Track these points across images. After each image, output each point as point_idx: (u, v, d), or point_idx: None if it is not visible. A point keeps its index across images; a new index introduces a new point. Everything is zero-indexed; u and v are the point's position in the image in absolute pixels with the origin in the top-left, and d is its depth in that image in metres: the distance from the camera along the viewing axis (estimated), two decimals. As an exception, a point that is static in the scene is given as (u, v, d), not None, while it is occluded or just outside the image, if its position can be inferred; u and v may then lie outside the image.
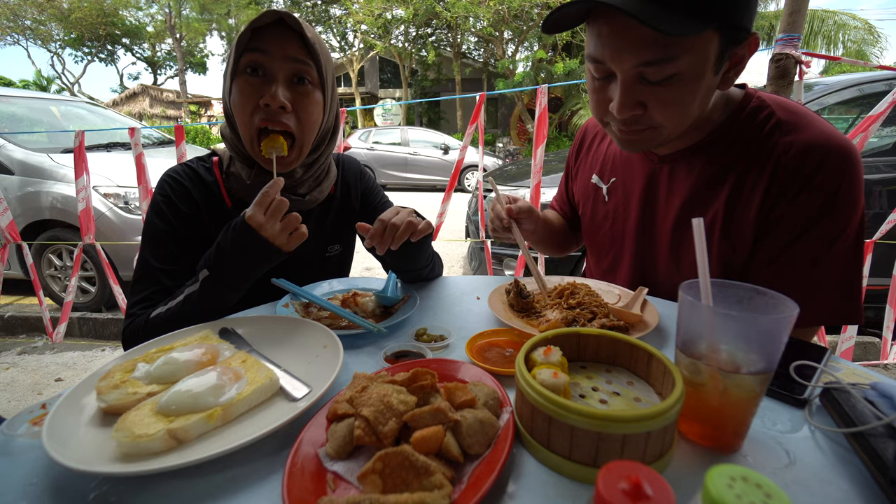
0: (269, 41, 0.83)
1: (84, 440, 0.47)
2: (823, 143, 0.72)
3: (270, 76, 0.84)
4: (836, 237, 0.73)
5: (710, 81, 0.71)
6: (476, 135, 2.40)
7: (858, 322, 0.76)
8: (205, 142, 13.15)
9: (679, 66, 0.67)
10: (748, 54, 0.71)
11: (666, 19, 0.62)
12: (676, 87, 0.69)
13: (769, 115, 0.77)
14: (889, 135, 2.73)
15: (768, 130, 0.76)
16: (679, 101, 0.71)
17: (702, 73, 0.68)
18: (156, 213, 0.91)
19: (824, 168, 0.71)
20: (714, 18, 0.64)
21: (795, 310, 0.42)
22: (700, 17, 0.63)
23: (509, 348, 0.66)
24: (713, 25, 0.64)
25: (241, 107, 0.85)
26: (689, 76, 0.68)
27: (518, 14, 13.33)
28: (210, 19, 20.06)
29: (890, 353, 2.32)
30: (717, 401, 0.45)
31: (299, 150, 0.90)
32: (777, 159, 0.74)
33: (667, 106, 0.71)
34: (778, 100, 0.80)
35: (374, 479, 0.38)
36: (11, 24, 17.76)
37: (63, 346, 2.93)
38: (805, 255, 0.74)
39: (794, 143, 0.74)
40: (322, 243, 1.08)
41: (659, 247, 0.91)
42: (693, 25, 0.63)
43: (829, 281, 0.75)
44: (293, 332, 0.69)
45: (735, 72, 0.73)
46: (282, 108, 0.83)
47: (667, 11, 0.62)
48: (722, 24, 0.65)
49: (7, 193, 3.06)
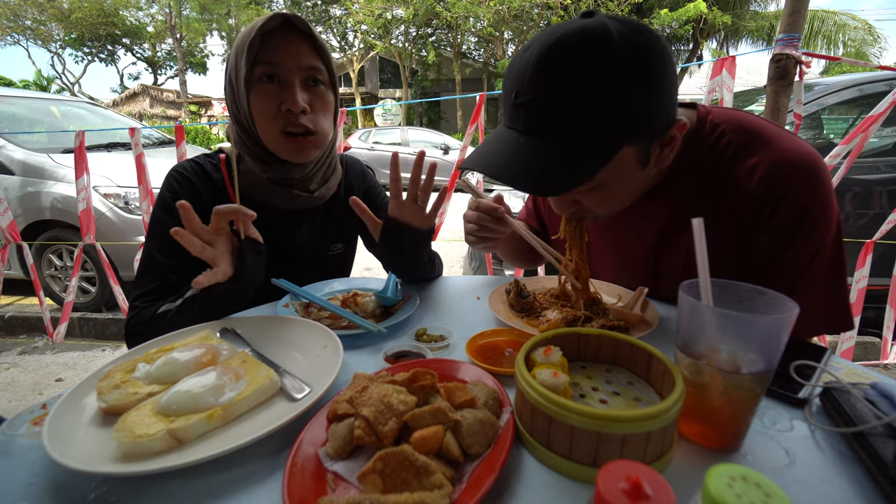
0: (280, 49, 0.86)
1: (84, 440, 0.47)
2: (786, 163, 0.70)
3: (286, 82, 0.87)
4: (816, 251, 0.71)
5: (640, 174, 0.69)
6: (476, 135, 2.40)
7: (849, 329, 0.75)
8: (205, 142, 13.15)
9: (599, 180, 0.65)
10: (679, 133, 0.66)
11: (559, 179, 0.59)
12: (603, 192, 0.69)
13: (728, 142, 0.75)
14: (889, 135, 2.73)
15: (728, 158, 0.74)
16: (610, 198, 0.71)
17: (626, 176, 0.67)
18: (162, 208, 0.91)
19: (791, 188, 0.70)
20: (620, 142, 0.60)
21: (795, 310, 0.42)
22: (604, 147, 0.60)
23: (509, 348, 0.66)
24: (620, 148, 0.61)
25: (262, 114, 0.87)
26: (614, 182, 0.67)
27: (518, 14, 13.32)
28: (210, 19, 20.06)
29: (890, 353, 2.32)
30: (717, 401, 0.45)
31: (318, 147, 0.94)
32: (742, 188, 0.72)
33: (600, 203, 0.72)
34: (731, 118, 0.76)
35: (374, 479, 0.38)
36: (11, 24, 17.73)
37: (63, 347, 2.93)
38: (787, 274, 0.73)
39: (755, 167, 0.72)
40: (325, 242, 1.08)
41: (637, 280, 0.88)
42: (593, 164, 0.60)
43: (815, 295, 0.73)
44: (293, 332, 0.69)
45: (669, 149, 0.68)
46: (303, 111, 0.87)
47: (559, 163, 0.60)
48: (630, 139, 0.62)
49: (7, 193, 3.06)
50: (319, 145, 0.94)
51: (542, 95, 0.60)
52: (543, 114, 0.61)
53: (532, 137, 0.62)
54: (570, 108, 0.59)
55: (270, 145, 0.91)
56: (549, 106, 0.60)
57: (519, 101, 0.62)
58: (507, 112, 0.66)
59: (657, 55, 0.60)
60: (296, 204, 0.99)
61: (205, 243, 0.72)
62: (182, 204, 0.70)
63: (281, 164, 0.94)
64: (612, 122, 0.59)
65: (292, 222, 1.02)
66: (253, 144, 0.93)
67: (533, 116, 0.62)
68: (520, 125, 0.64)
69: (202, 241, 0.72)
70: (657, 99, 0.62)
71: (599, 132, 0.60)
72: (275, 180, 0.94)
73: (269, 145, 0.91)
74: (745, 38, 14.20)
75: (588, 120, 0.59)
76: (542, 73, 0.59)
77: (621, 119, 0.59)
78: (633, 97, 0.59)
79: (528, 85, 0.60)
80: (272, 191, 0.95)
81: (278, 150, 0.91)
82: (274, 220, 0.97)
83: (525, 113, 0.62)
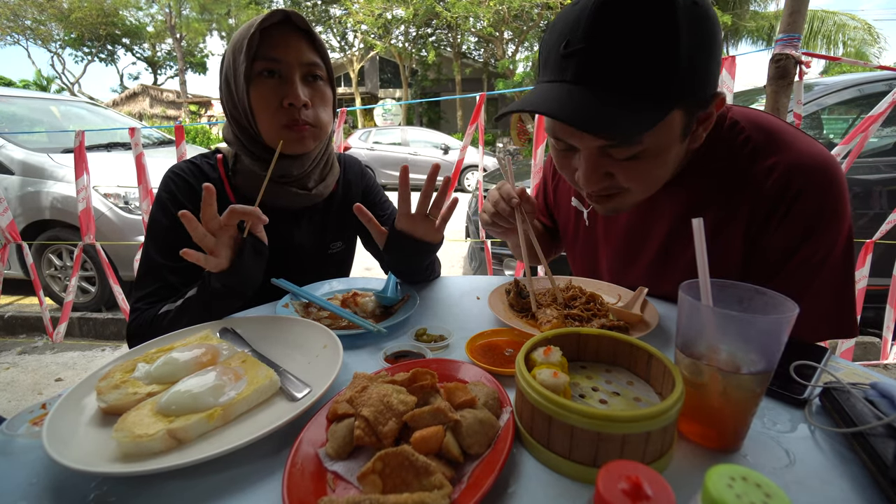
0: (281, 45, 0.86)
1: (84, 440, 0.47)
2: (804, 165, 0.70)
3: (286, 77, 0.87)
4: (827, 255, 0.71)
5: (678, 148, 0.69)
6: (476, 135, 2.40)
7: (853, 336, 0.75)
8: (205, 142, 13.15)
9: (644, 145, 0.65)
10: (716, 111, 0.69)
11: (617, 120, 0.59)
12: (642, 161, 0.67)
13: (746, 138, 0.75)
14: (889, 135, 2.73)
15: (746, 156, 0.74)
16: (647, 172, 0.70)
17: (668, 146, 0.67)
18: (159, 209, 0.91)
19: (808, 191, 0.70)
20: (675, 98, 0.61)
21: (795, 310, 0.42)
22: (660, 102, 0.60)
23: (509, 348, 0.66)
24: (673, 108, 0.61)
25: (263, 109, 0.88)
26: (656, 151, 0.66)
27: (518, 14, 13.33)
28: (210, 19, 20.06)
29: (890, 353, 2.32)
30: (717, 401, 0.45)
31: (317, 139, 0.95)
32: (758, 187, 0.72)
33: (635, 177, 0.70)
34: (751, 117, 0.77)
35: (374, 479, 0.38)
36: (11, 24, 17.74)
37: (63, 346, 2.93)
38: (796, 276, 0.73)
39: (773, 167, 0.72)
40: (325, 241, 1.09)
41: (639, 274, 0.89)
42: (650, 116, 0.60)
43: (822, 300, 0.73)
44: (293, 332, 0.69)
45: (704, 127, 0.70)
46: (304, 105, 0.88)
47: (620, 107, 0.59)
48: (682, 102, 0.63)
49: (7, 193, 3.06)
50: (318, 137, 0.95)
51: (599, 44, 0.59)
52: (599, 62, 0.60)
53: (582, 87, 0.61)
54: (630, 58, 0.58)
55: (271, 139, 0.91)
56: (607, 54, 0.59)
57: (570, 51, 0.61)
58: (551, 66, 0.65)
59: (713, 23, 0.61)
60: (294, 202, 0.98)
61: (208, 232, 0.73)
62: (184, 213, 0.70)
63: (279, 161, 0.94)
64: (670, 75, 0.59)
65: (291, 221, 1.02)
66: (251, 142, 0.93)
67: (587, 65, 0.60)
68: (568, 75, 0.62)
69: (206, 231, 0.72)
70: (710, 64, 0.62)
71: (657, 84, 0.59)
72: (273, 178, 0.94)
73: (270, 140, 0.91)
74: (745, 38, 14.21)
75: (648, 71, 0.59)
76: (601, 21, 0.58)
77: (679, 75, 0.59)
78: (692, 55, 0.59)
79: (583, 33, 0.59)
80: (270, 189, 0.95)
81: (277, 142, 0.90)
82: (273, 219, 0.97)
83: (577, 62, 0.61)
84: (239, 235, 0.78)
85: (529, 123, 13.82)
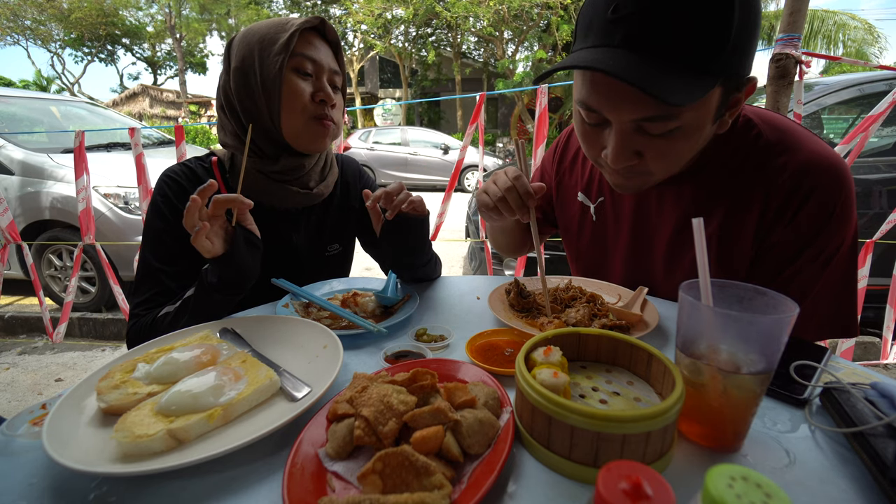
0: (315, 48, 0.91)
1: (84, 440, 0.47)
2: (816, 164, 0.71)
3: (318, 78, 0.93)
4: (832, 255, 0.73)
5: (709, 130, 0.69)
6: (476, 135, 2.40)
7: (854, 335, 0.76)
8: (205, 142, 13.15)
9: (681, 121, 0.64)
10: (745, 97, 0.69)
11: (671, 86, 0.58)
12: (676, 139, 0.67)
13: (758, 134, 0.76)
14: (889, 135, 2.73)
15: (758, 152, 0.75)
16: (677, 152, 0.69)
17: (703, 125, 0.67)
18: (155, 214, 0.91)
19: (819, 190, 0.70)
20: (719, 73, 0.61)
21: (795, 310, 0.42)
22: (705, 75, 0.60)
23: (509, 348, 0.66)
24: (716, 84, 0.62)
25: (296, 99, 0.90)
26: (690, 129, 0.66)
27: (518, 14, 13.32)
28: (210, 19, 20.05)
29: (890, 353, 2.32)
30: (717, 401, 0.45)
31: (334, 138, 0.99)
32: (770, 183, 0.73)
33: (664, 157, 0.69)
34: (763, 115, 0.78)
35: (374, 479, 0.38)
36: (11, 24, 17.73)
37: (63, 347, 2.93)
38: (802, 274, 0.74)
39: (786, 165, 0.72)
40: (322, 243, 1.08)
41: (652, 268, 0.89)
42: (699, 87, 0.59)
43: (826, 298, 0.74)
44: (293, 332, 0.69)
45: (731, 114, 0.70)
46: (332, 105, 0.94)
47: (669, 74, 0.58)
48: (724, 79, 0.63)
49: (7, 193, 3.06)
50: (335, 137, 1.00)
51: (651, 9, 0.58)
52: (650, 28, 0.59)
53: (628, 51, 0.60)
54: (683, 26, 0.58)
55: (295, 133, 0.93)
56: (659, 20, 0.58)
57: (620, 15, 0.60)
58: (595, 31, 0.64)
59: (758, 2, 0.62)
60: (292, 202, 0.98)
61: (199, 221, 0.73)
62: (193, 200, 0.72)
63: (289, 157, 0.95)
64: (720, 49, 0.59)
65: (289, 222, 1.02)
66: (262, 139, 0.93)
67: (637, 30, 0.59)
68: (616, 40, 0.61)
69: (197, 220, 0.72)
70: (752, 44, 0.63)
71: (707, 57, 0.59)
72: (278, 175, 0.94)
73: (293, 133, 0.93)
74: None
75: (700, 41, 0.58)
76: None
77: (728, 50, 0.59)
78: (741, 30, 0.59)
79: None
80: (269, 189, 0.95)
81: (301, 136, 0.93)
82: (271, 220, 0.97)
83: (626, 26, 0.60)
84: (230, 227, 0.78)
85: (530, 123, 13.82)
